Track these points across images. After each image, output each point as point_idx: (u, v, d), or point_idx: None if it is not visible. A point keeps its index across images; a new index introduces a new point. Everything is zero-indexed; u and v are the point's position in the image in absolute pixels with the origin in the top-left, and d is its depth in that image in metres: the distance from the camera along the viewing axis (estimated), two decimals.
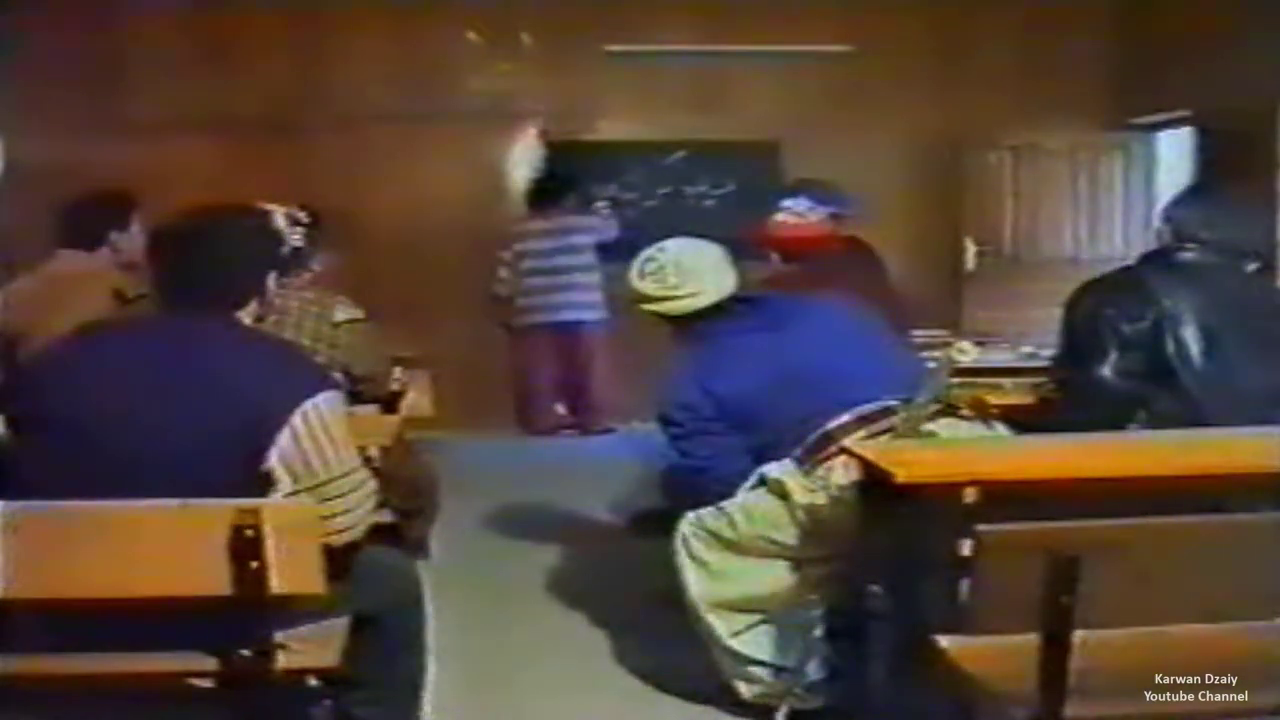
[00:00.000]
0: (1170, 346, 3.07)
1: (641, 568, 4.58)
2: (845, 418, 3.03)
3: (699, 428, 3.15)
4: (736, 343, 3.24)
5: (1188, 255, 3.18)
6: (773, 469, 3.05)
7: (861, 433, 3.00)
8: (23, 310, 3.97)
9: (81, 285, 3.96)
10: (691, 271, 3.30)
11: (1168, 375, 3.08)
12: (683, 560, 3.17)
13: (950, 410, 3.17)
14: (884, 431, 3.03)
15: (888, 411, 3.07)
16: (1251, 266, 3.27)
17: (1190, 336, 3.07)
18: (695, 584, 3.15)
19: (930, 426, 3.07)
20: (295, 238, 3.88)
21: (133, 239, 4.12)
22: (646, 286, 3.32)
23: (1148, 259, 3.30)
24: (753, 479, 3.09)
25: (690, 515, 3.18)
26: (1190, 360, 3.07)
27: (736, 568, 3.11)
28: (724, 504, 3.11)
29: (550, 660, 3.76)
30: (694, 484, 3.20)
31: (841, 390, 3.08)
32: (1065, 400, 3.22)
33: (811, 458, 3.02)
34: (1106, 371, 3.10)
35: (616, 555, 4.82)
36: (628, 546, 4.90)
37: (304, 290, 3.81)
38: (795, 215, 4.36)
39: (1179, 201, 3.38)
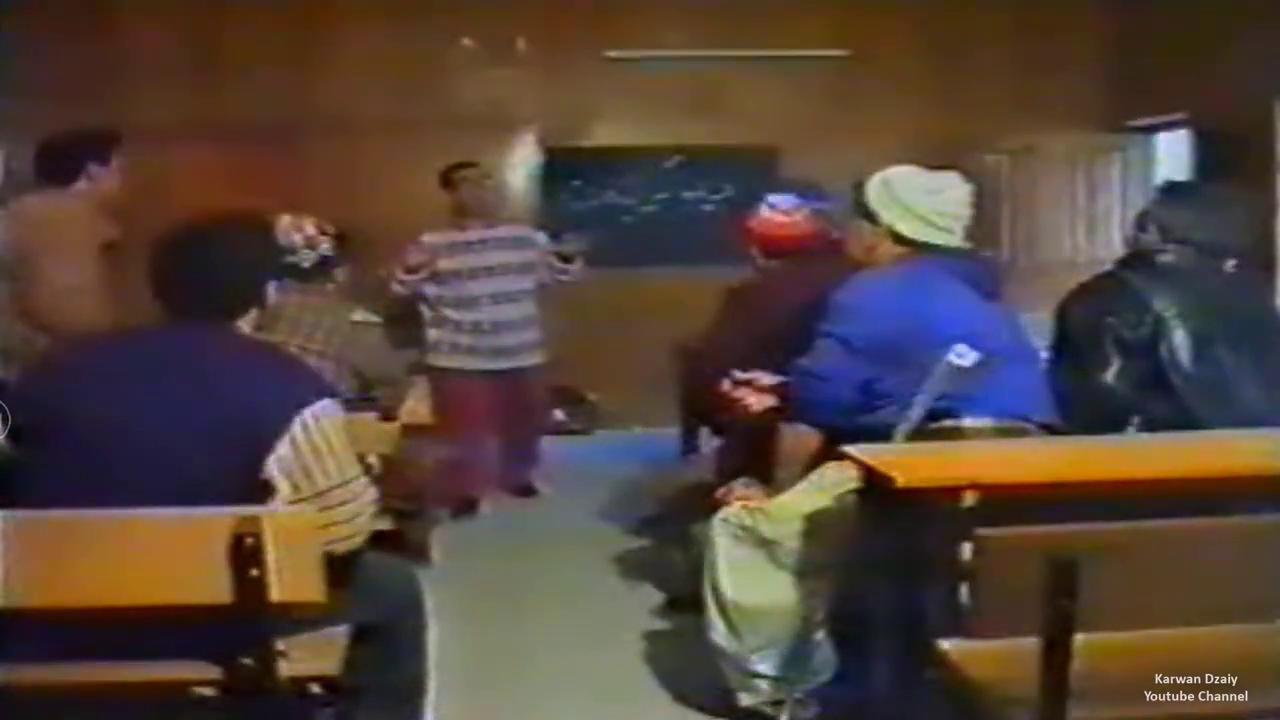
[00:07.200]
0: (1163, 351, 3.09)
1: (642, 571, 4.59)
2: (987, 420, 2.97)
3: (857, 344, 3.03)
4: (954, 288, 3.10)
5: (1170, 257, 3.20)
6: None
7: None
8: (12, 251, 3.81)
9: (67, 231, 3.81)
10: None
11: (1160, 380, 3.09)
12: (711, 559, 3.14)
13: None
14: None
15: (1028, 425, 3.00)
16: (1230, 264, 3.27)
17: (1180, 341, 3.09)
18: (716, 583, 3.12)
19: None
20: (325, 246, 3.91)
21: (111, 175, 3.99)
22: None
23: (1132, 263, 3.30)
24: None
25: (720, 514, 3.16)
26: (1181, 364, 3.08)
27: (761, 569, 3.08)
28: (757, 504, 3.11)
29: (551, 666, 3.76)
30: (814, 389, 3.09)
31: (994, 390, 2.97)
32: (1064, 406, 3.21)
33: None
34: (1109, 378, 3.11)
35: (617, 559, 4.83)
36: (629, 550, 4.91)
37: (326, 298, 3.87)
38: (780, 213, 4.21)
39: (1163, 202, 3.36)
